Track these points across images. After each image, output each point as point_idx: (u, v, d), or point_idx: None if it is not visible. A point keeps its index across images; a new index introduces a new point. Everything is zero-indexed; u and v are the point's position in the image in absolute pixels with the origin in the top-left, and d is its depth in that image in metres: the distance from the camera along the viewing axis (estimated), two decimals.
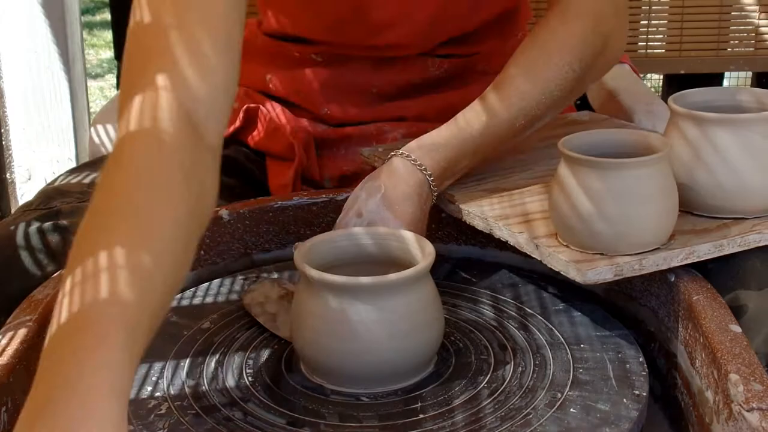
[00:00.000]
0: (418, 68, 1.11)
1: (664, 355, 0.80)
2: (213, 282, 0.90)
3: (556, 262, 0.77)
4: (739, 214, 0.81)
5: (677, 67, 1.86)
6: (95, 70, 4.31)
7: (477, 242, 0.96)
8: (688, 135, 0.82)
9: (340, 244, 0.78)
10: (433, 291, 0.75)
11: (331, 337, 0.71)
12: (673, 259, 0.76)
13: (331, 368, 0.73)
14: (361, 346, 0.71)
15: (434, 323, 0.74)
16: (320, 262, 0.75)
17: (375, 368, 0.72)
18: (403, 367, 0.73)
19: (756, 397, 0.61)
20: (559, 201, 0.78)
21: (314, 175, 1.10)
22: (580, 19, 0.93)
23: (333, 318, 0.71)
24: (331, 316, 0.71)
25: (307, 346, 0.73)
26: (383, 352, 0.71)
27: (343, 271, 0.74)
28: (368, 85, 1.11)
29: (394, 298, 0.71)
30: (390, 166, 0.88)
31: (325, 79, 1.11)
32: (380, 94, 1.11)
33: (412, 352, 0.72)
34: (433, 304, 0.74)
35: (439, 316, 0.75)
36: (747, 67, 1.91)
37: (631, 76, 1.46)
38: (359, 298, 0.70)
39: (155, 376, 0.75)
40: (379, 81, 1.11)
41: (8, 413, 0.66)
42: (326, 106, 1.11)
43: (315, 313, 0.72)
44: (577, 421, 0.67)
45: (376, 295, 0.71)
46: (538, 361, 0.75)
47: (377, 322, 0.71)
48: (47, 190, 0.97)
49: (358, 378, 0.72)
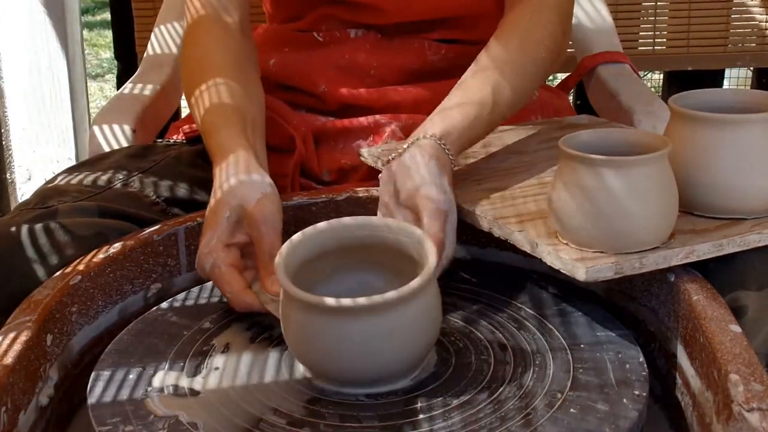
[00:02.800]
0: (416, 52, 1.13)
1: (664, 355, 0.80)
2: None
3: (556, 261, 0.77)
4: (738, 214, 0.81)
5: (683, 63, 1.86)
6: (95, 70, 4.32)
7: (477, 242, 0.96)
8: (688, 135, 0.82)
9: (327, 235, 0.77)
10: (430, 302, 0.73)
11: (316, 350, 0.71)
12: (673, 258, 0.76)
13: (319, 370, 0.73)
14: (350, 359, 0.70)
15: (426, 332, 0.73)
16: (308, 254, 0.75)
17: (366, 374, 0.71)
18: (398, 371, 0.72)
19: (756, 397, 0.61)
20: (559, 199, 0.78)
21: (313, 168, 1.11)
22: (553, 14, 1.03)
23: (316, 333, 0.70)
24: (313, 331, 0.70)
25: (294, 349, 0.74)
26: (370, 365, 0.71)
27: (329, 261, 0.74)
28: (367, 67, 1.13)
29: (381, 318, 0.69)
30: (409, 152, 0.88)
31: (324, 58, 1.14)
32: (378, 77, 1.13)
33: (402, 359, 0.72)
34: (423, 317, 0.72)
35: (432, 324, 0.73)
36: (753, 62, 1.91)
37: (631, 76, 1.46)
38: (344, 318, 0.69)
39: (155, 376, 0.74)
40: (377, 62, 1.13)
41: (8, 413, 0.66)
42: (324, 84, 1.12)
43: (300, 322, 0.71)
44: (577, 422, 0.67)
45: (364, 316, 0.69)
46: (538, 362, 0.75)
47: (364, 343, 0.69)
48: (45, 190, 0.97)
49: (352, 381, 0.72)
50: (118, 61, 2.66)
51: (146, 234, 0.90)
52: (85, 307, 0.83)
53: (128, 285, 0.88)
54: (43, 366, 0.75)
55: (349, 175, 1.10)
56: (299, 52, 1.15)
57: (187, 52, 1.06)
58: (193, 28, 1.06)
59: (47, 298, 0.77)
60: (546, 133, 1.08)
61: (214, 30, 1.04)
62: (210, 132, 0.94)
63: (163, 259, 0.91)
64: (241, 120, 0.94)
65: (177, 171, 1.03)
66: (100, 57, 4.53)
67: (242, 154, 0.88)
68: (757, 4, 1.83)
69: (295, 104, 1.16)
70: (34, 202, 0.94)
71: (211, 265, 0.81)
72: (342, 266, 0.78)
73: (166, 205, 0.99)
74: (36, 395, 0.73)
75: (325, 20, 1.15)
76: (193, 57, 1.04)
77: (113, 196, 0.96)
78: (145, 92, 1.45)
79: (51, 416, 0.75)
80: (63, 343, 0.79)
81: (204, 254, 0.82)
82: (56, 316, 0.78)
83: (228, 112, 0.95)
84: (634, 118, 1.33)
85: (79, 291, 0.82)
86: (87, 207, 0.92)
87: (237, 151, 0.89)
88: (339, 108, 1.14)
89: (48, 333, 0.76)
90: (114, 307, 0.87)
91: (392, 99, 1.13)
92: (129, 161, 1.05)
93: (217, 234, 0.82)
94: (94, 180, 0.99)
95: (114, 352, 0.78)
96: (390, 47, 1.14)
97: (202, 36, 1.04)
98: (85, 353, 0.83)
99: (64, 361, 0.79)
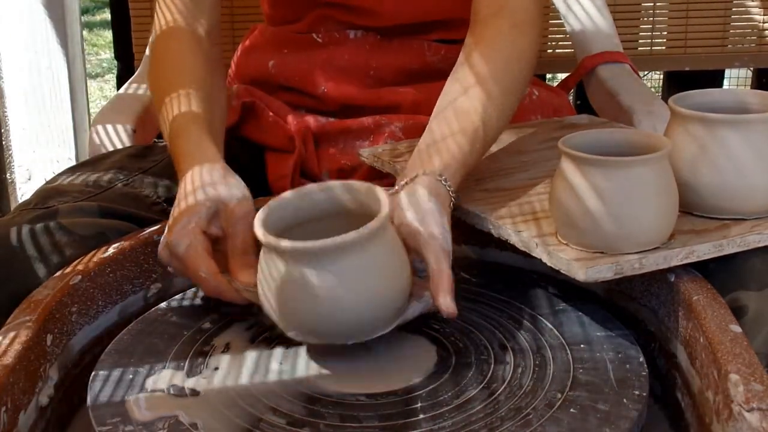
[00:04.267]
0: (415, 53, 1.13)
1: (664, 355, 0.80)
2: None
3: (556, 261, 0.77)
4: (739, 214, 0.81)
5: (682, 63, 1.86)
6: (95, 70, 4.31)
7: (477, 242, 0.96)
8: (688, 135, 0.82)
9: (297, 204, 0.79)
10: (387, 249, 0.74)
11: (287, 302, 0.72)
12: (673, 258, 0.76)
13: (293, 324, 0.74)
14: (314, 307, 0.72)
15: (385, 278, 0.73)
16: (284, 222, 0.76)
17: (334, 324, 0.72)
18: (367, 320, 0.73)
19: (756, 397, 0.61)
20: (559, 199, 0.78)
21: (313, 168, 1.11)
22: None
23: (284, 282, 0.72)
24: (281, 281, 0.72)
25: (270, 309, 0.75)
26: (335, 312, 0.72)
27: (306, 228, 0.76)
28: (366, 68, 1.14)
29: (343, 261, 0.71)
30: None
31: (324, 59, 1.14)
32: (378, 78, 1.13)
33: (377, 306, 0.73)
34: (389, 260, 0.73)
35: (391, 272, 0.74)
36: (751, 63, 1.91)
37: (631, 76, 1.46)
38: (307, 262, 0.71)
39: (155, 375, 0.74)
40: (377, 63, 1.13)
41: (8, 413, 0.66)
42: (324, 84, 1.12)
43: (272, 276, 0.73)
44: (577, 422, 0.67)
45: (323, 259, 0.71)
46: (538, 361, 0.75)
47: (325, 288, 0.71)
48: (45, 190, 0.97)
49: (325, 334, 0.73)
50: (118, 61, 2.66)
51: (146, 234, 0.90)
52: (85, 307, 0.83)
53: (128, 285, 0.88)
54: (43, 366, 0.75)
55: (349, 175, 1.10)
56: (298, 54, 1.15)
57: (157, 56, 1.05)
58: (164, 35, 1.06)
59: (47, 298, 0.77)
60: (546, 133, 1.08)
61: (184, 38, 1.04)
62: (179, 134, 0.93)
63: None
64: (209, 127, 0.94)
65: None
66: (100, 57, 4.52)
67: (218, 159, 0.89)
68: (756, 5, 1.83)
69: (295, 105, 1.16)
70: (34, 202, 0.94)
71: (187, 246, 0.82)
72: (315, 233, 0.77)
73: (166, 205, 0.99)
74: (36, 395, 0.73)
75: (323, 22, 1.15)
76: (163, 62, 1.04)
77: (113, 196, 0.96)
78: (145, 92, 1.45)
79: (51, 416, 0.75)
80: (63, 343, 0.79)
81: (180, 236, 0.82)
82: (56, 316, 0.78)
83: (199, 120, 0.94)
84: (634, 118, 1.33)
85: (79, 291, 0.82)
86: (87, 207, 0.92)
87: (211, 157, 0.89)
88: (339, 108, 1.14)
89: (48, 333, 0.76)
90: (114, 307, 0.87)
91: (392, 99, 1.13)
92: (129, 161, 1.05)
93: (195, 219, 0.83)
94: (95, 180, 0.99)
95: (114, 352, 0.78)
96: (389, 48, 1.14)
97: (172, 43, 1.05)
98: (85, 353, 0.83)
99: (64, 361, 0.79)
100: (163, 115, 0.96)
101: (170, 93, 0.97)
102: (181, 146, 0.91)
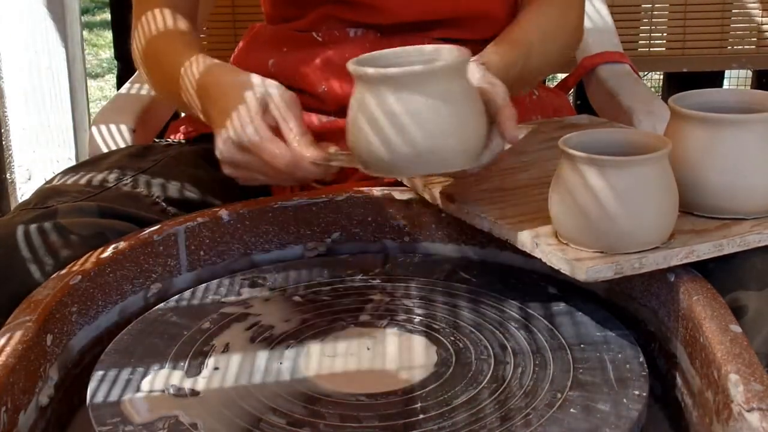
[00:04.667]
0: None
1: (664, 355, 0.80)
2: (213, 282, 0.90)
3: (556, 261, 0.77)
4: (738, 214, 0.81)
5: (680, 65, 1.86)
6: (95, 70, 4.32)
7: (477, 242, 0.96)
8: (688, 135, 0.82)
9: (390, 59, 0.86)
10: (470, 85, 0.83)
11: (370, 129, 0.80)
12: (673, 258, 0.76)
13: (379, 150, 0.81)
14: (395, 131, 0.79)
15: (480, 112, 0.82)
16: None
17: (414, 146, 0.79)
18: (446, 146, 0.80)
19: (756, 397, 0.61)
20: (559, 199, 0.78)
21: None
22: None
23: (367, 109, 0.79)
24: (366, 107, 0.79)
25: (356, 141, 0.82)
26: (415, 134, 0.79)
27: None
28: None
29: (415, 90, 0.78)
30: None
31: (325, 57, 1.14)
32: None
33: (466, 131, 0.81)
34: (473, 93, 0.82)
35: (480, 105, 0.82)
36: (749, 64, 1.91)
37: (631, 76, 1.46)
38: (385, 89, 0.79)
39: (155, 375, 0.74)
40: None
41: (8, 413, 0.66)
42: (324, 83, 1.12)
43: (365, 110, 0.80)
44: (577, 422, 0.67)
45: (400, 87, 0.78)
46: (539, 362, 0.75)
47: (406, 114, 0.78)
48: (44, 190, 0.97)
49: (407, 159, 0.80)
50: (118, 61, 2.67)
51: (146, 234, 0.90)
52: (85, 307, 0.83)
53: (128, 285, 0.88)
54: (43, 366, 0.75)
55: (349, 175, 1.10)
56: (298, 52, 1.15)
57: (140, 32, 1.10)
58: (145, 22, 1.10)
59: (47, 298, 0.77)
60: (546, 133, 1.08)
61: (167, 20, 1.09)
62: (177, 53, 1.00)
63: (163, 259, 0.91)
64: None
65: (177, 171, 1.03)
66: (100, 57, 4.53)
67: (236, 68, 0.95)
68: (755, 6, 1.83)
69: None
70: (34, 202, 0.94)
71: (254, 131, 0.85)
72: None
73: (166, 205, 0.99)
74: (36, 395, 0.73)
75: (324, 20, 1.15)
76: (148, 34, 1.09)
77: (113, 196, 0.96)
78: (145, 92, 1.45)
79: (51, 416, 0.75)
80: (63, 343, 0.79)
81: (243, 124, 0.85)
82: (56, 316, 0.78)
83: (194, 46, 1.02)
84: (634, 118, 1.33)
85: (79, 291, 0.82)
86: (87, 207, 0.92)
87: (230, 66, 0.96)
88: (339, 108, 1.14)
89: (48, 333, 0.76)
90: (114, 307, 0.87)
91: None
92: (129, 161, 1.05)
93: (253, 107, 0.86)
94: (94, 180, 0.99)
95: (114, 352, 0.78)
96: (390, 47, 1.14)
97: (154, 24, 1.10)
98: (85, 353, 0.83)
99: (64, 361, 0.79)
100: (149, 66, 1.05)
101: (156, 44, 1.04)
102: (192, 68, 0.96)
